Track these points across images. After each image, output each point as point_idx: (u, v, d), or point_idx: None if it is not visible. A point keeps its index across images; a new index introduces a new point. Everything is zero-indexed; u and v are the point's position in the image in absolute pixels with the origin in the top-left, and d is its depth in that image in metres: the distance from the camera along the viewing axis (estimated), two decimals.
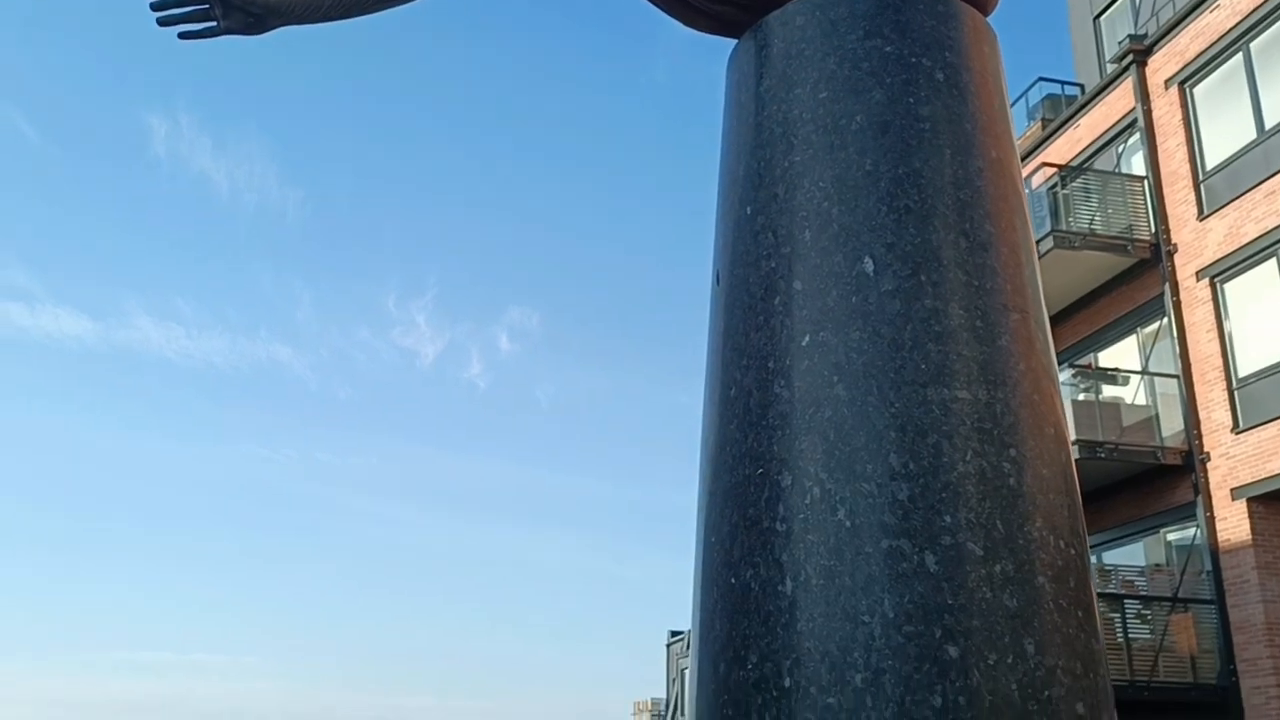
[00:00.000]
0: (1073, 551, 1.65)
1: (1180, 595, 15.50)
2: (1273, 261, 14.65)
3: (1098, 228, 16.79)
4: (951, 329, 1.69)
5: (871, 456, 1.62)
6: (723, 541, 1.72)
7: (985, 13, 1.92)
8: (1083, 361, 17.64)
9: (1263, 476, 14.34)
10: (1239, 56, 15.55)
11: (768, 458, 1.69)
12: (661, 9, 2.08)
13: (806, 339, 1.72)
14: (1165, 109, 16.62)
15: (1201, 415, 15.40)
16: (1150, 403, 16.58)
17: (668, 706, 40.21)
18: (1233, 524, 14.58)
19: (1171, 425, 16.17)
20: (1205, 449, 15.23)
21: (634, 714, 42.56)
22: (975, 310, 1.72)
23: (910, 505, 1.58)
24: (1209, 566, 14.94)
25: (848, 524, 1.59)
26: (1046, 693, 1.51)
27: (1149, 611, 15.43)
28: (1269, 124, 14.89)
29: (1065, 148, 18.64)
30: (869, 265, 1.72)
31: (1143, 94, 16.93)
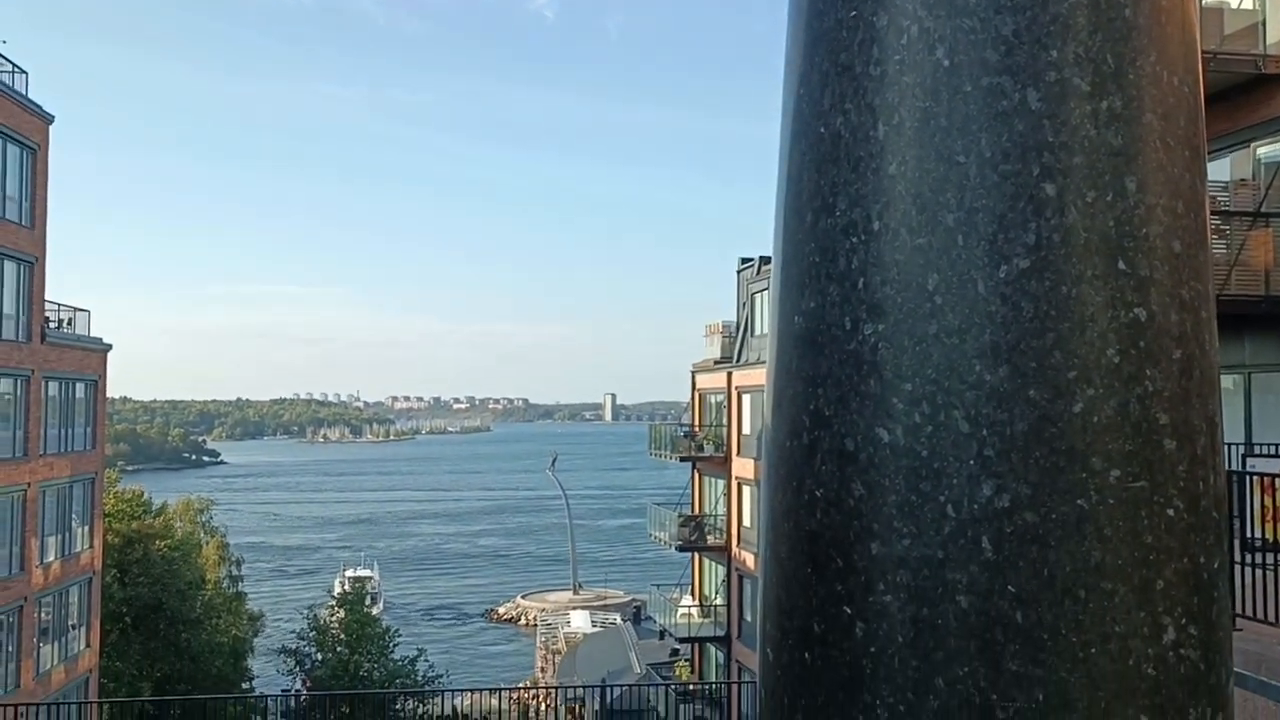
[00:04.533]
0: (1185, 89, 1.56)
1: (1263, 210, 15.20)
2: None
3: None
4: None
5: None
6: (812, 92, 1.65)
7: None
8: None
9: None
10: None
11: None
12: None
13: None
14: None
15: None
16: (1257, 6, 15.46)
17: (738, 329, 41.70)
18: None
19: (1277, 32, 15.14)
20: None
21: (706, 335, 44.29)
22: None
23: (1015, 40, 1.49)
24: None
25: (946, 63, 1.51)
26: (1144, 230, 1.48)
27: (1228, 227, 15.21)
28: None
29: None
30: None
31: None
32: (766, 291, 40.22)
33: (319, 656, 44.30)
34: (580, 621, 78.84)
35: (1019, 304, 1.44)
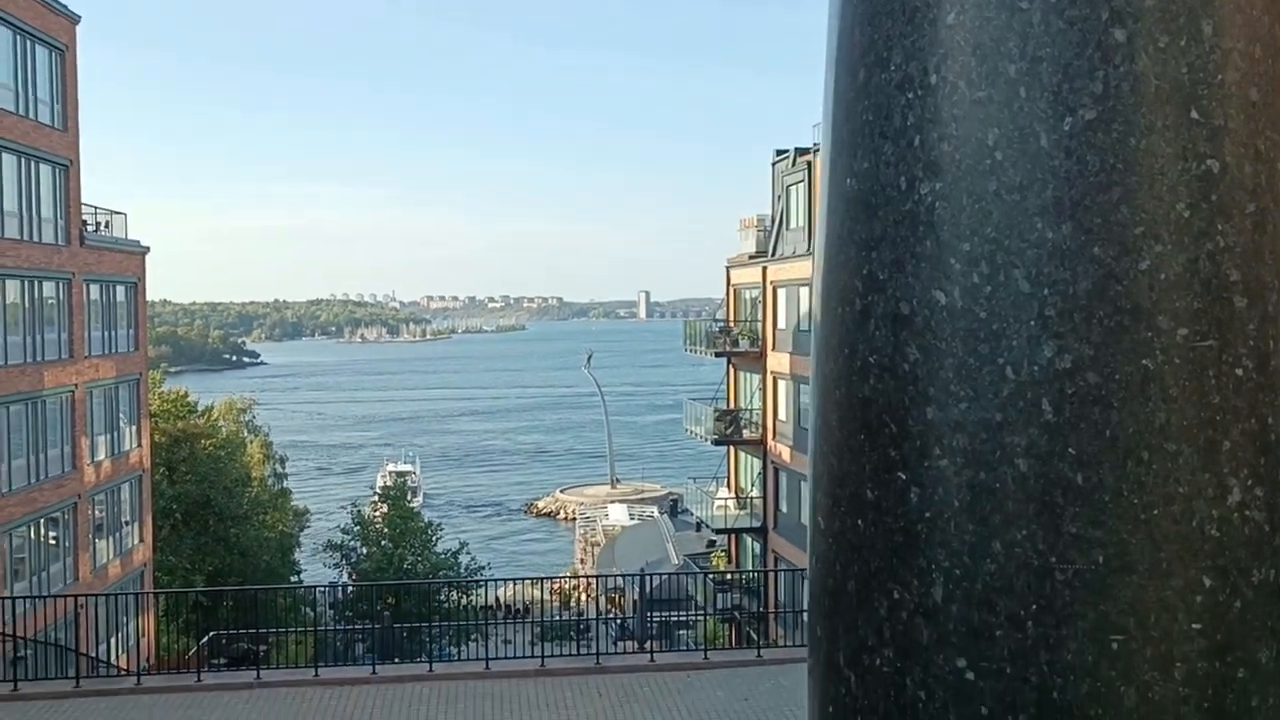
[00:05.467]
0: None
1: None
2: None
3: None
4: None
5: None
6: None
7: None
8: None
9: None
10: None
11: None
12: None
13: None
14: None
15: None
16: None
17: (773, 222, 41.29)
18: None
19: None
20: None
21: (740, 230, 43.91)
22: None
23: None
24: None
25: None
26: (1220, 76, 1.41)
27: None
28: None
29: None
30: None
31: None
32: (802, 184, 39.06)
33: (364, 551, 45.45)
34: (618, 515, 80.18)
35: (1084, 157, 1.38)
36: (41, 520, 29.37)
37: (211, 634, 26.29)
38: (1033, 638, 1.38)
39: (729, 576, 36.54)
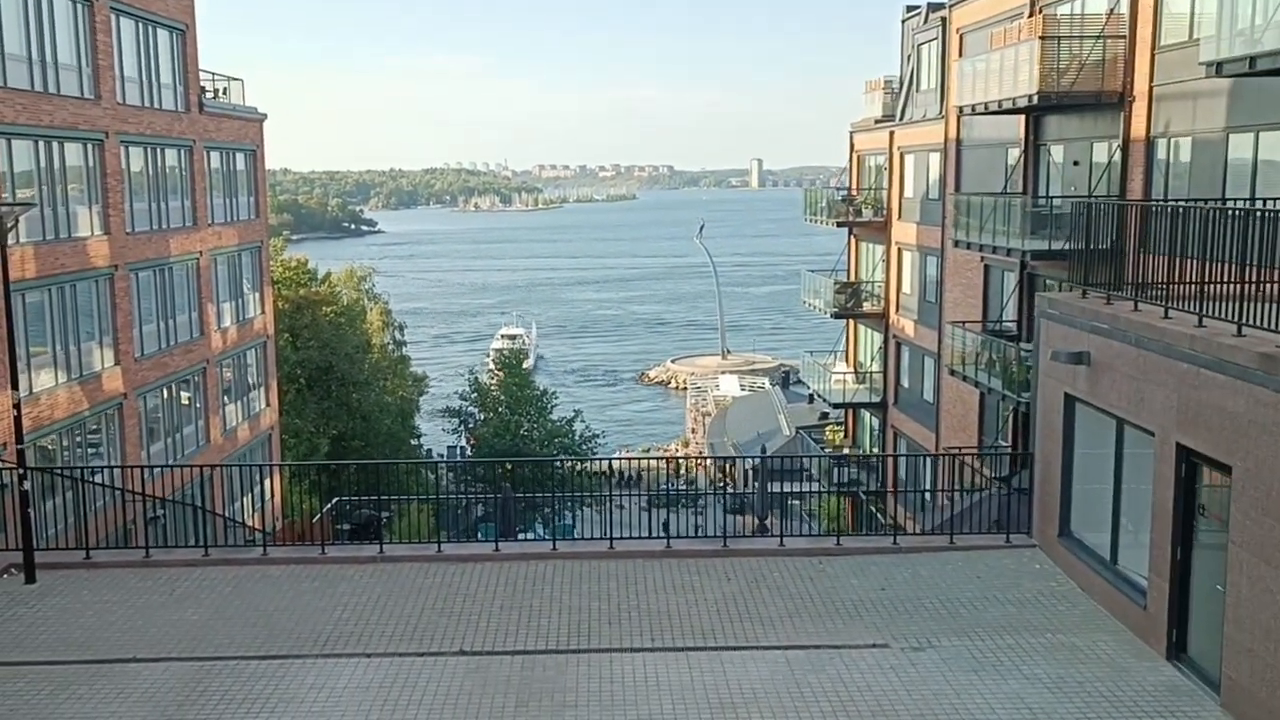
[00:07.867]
0: None
1: None
2: None
3: None
4: None
5: None
6: None
7: None
8: None
9: None
10: None
11: None
12: None
13: None
14: None
15: None
16: None
17: (902, 84, 39.05)
18: None
19: None
20: None
21: (866, 93, 41.72)
22: None
23: None
24: None
25: None
26: None
27: None
28: None
29: None
30: None
31: None
32: (934, 42, 36.50)
33: (481, 416, 46.05)
34: (729, 385, 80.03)
35: None
36: (173, 384, 30.08)
37: (336, 500, 26.81)
38: None
39: (847, 451, 35.84)
